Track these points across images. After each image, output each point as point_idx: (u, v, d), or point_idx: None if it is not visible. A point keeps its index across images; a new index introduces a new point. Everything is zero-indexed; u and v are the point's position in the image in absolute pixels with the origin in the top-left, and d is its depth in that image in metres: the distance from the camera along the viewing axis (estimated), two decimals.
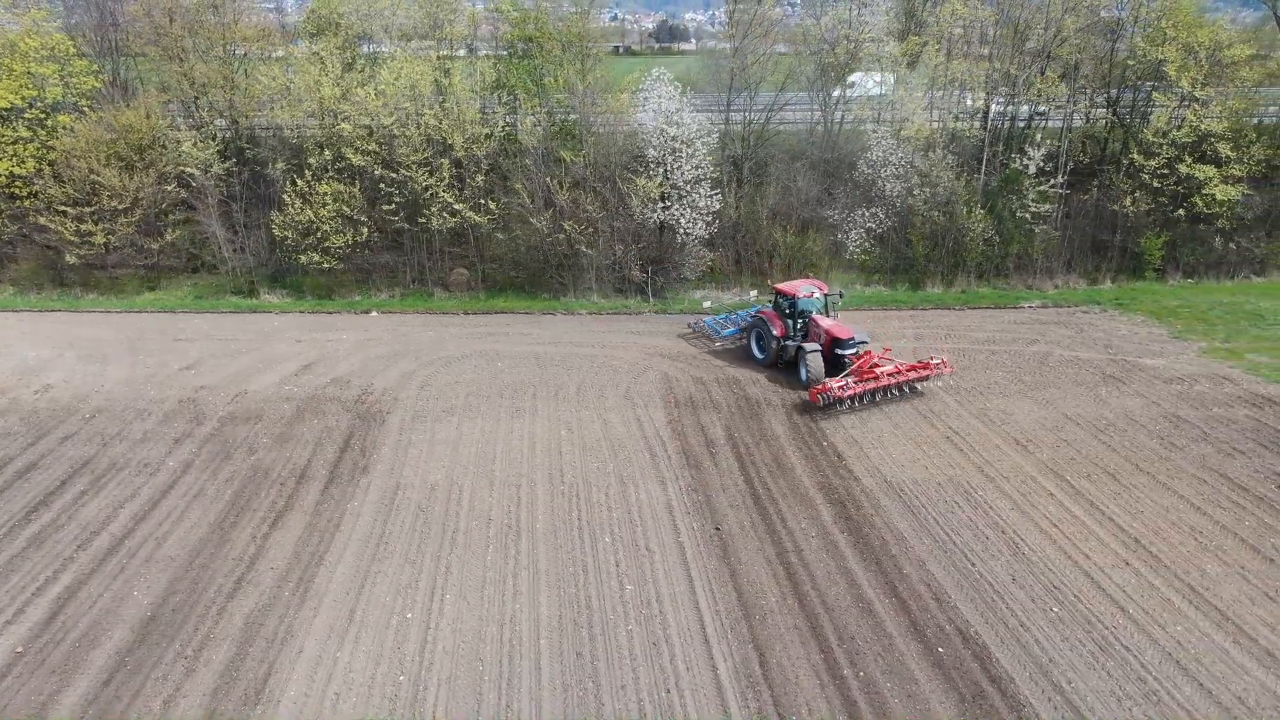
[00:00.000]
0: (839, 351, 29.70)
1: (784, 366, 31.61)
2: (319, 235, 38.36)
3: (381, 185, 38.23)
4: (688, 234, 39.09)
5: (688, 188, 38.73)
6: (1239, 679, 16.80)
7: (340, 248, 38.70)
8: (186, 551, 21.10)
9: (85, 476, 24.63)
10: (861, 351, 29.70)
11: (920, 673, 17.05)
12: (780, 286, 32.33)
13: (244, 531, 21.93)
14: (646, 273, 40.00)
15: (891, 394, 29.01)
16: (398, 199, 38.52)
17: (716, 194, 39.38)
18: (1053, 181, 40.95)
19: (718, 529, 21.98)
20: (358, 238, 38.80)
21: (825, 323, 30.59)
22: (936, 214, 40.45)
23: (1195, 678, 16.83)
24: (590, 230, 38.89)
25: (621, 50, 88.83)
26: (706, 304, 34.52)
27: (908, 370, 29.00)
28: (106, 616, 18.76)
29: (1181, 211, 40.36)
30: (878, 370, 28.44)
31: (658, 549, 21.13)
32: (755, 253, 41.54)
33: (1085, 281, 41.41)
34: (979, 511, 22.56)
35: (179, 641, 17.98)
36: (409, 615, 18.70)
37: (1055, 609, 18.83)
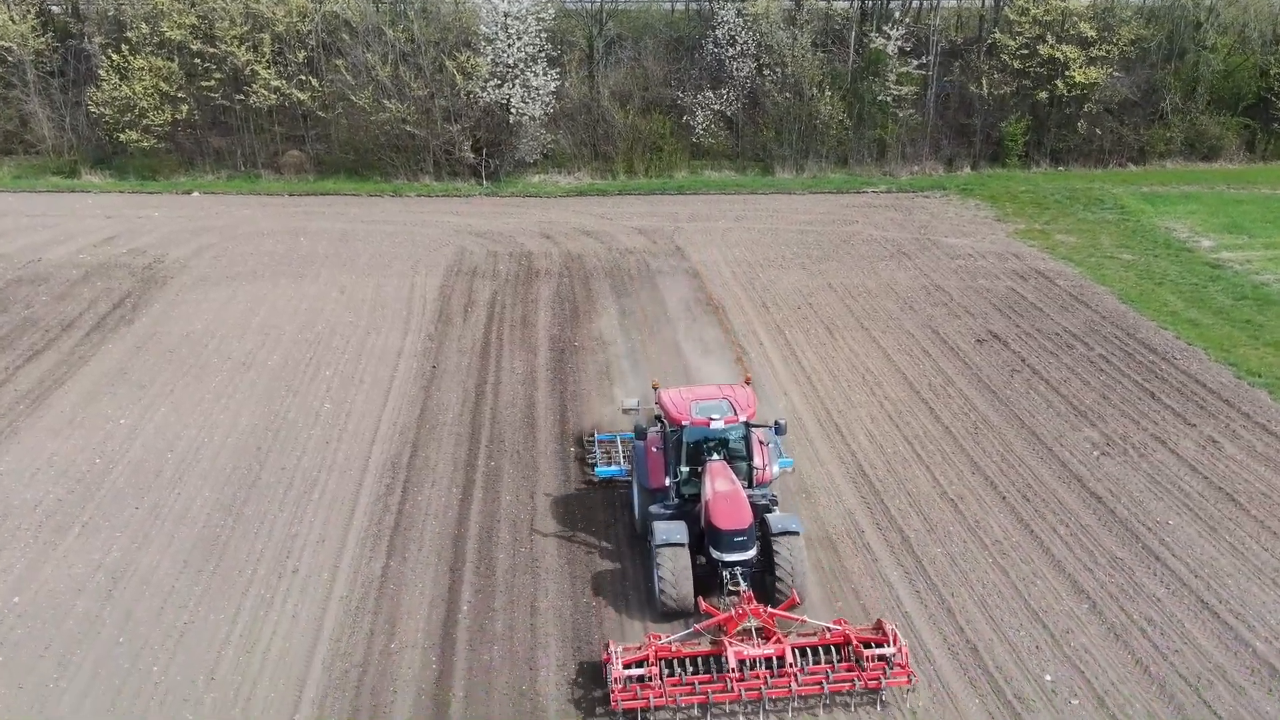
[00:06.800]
0: (716, 554, 17.73)
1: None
2: (137, 112, 44.89)
3: (198, 60, 44.61)
4: (521, 114, 45.45)
5: (520, 67, 44.95)
6: (817, 471, 23.66)
7: (160, 126, 45.26)
8: None
9: None
10: (746, 588, 16.97)
11: (543, 462, 23.99)
12: (663, 397, 19.93)
13: None
14: (480, 155, 46.52)
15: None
16: (218, 75, 44.92)
17: (555, 73, 45.64)
18: (917, 63, 46.93)
19: (434, 368, 28.89)
20: (177, 115, 45.34)
21: (718, 484, 18.27)
22: (786, 96, 46.62)
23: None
24: (418, 110, 45.28)
25: None
26: (630, 402, 23.12)
27: (813, 669, 15.60)
28: None
29: (1044, 95, 46.37)
30: (733, 651, 15.50)
31: (370, 381, 28.06)
32: (601, 136, 47.91)
33: (945, 168, 47.68)
34: (677, 358, 29.11)
35: None
36: (122, 422, 25.73)
37: None
